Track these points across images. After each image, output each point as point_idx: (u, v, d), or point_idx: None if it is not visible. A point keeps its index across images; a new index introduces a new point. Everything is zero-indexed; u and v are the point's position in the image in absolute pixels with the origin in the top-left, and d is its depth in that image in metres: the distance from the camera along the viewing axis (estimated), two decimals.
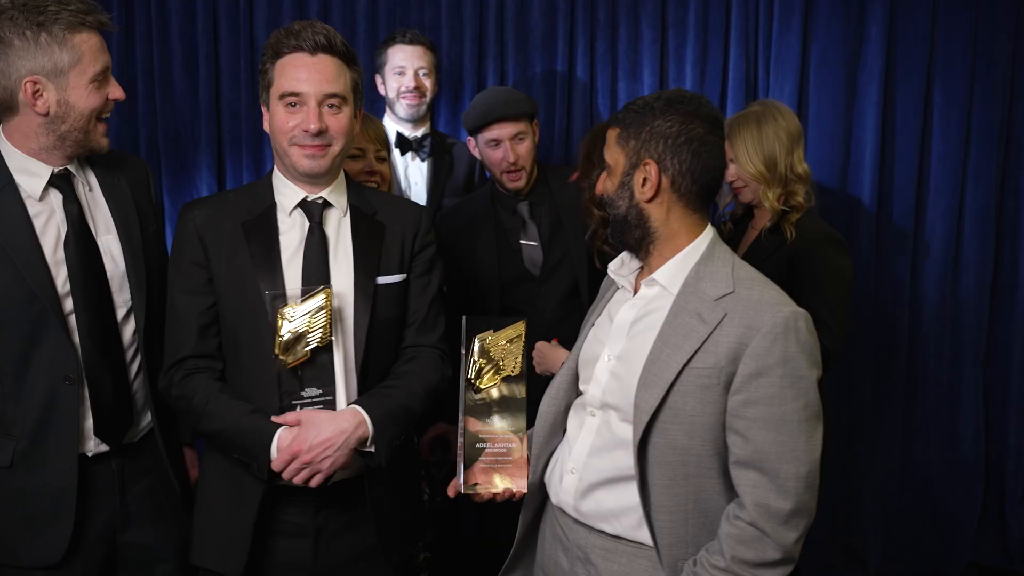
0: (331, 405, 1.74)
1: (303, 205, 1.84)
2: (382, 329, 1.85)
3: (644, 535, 1.56)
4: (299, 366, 1.72)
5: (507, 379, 1.71)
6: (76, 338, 1.80)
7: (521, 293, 2.67)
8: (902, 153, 3.32)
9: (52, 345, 1.78)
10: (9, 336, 1.77)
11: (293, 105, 1.77)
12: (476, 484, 1.68)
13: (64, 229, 1.81)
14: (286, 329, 1.69)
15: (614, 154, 1.62)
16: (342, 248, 1.85)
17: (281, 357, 1.70)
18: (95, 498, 1.88)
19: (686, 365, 1.50)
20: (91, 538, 1.88)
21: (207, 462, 1.90)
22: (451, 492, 1.71)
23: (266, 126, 1.86)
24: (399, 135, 2.98)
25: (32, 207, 1.80)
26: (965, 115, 3.28)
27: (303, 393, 1.73)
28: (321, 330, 1.72)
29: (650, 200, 1.57)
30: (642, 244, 1.61)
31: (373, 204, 1.93)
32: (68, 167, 1.85)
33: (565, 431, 1.73)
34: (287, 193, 1.85)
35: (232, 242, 1.81)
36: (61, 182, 1.84)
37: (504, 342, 1.71)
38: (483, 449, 1.69)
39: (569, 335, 2.37)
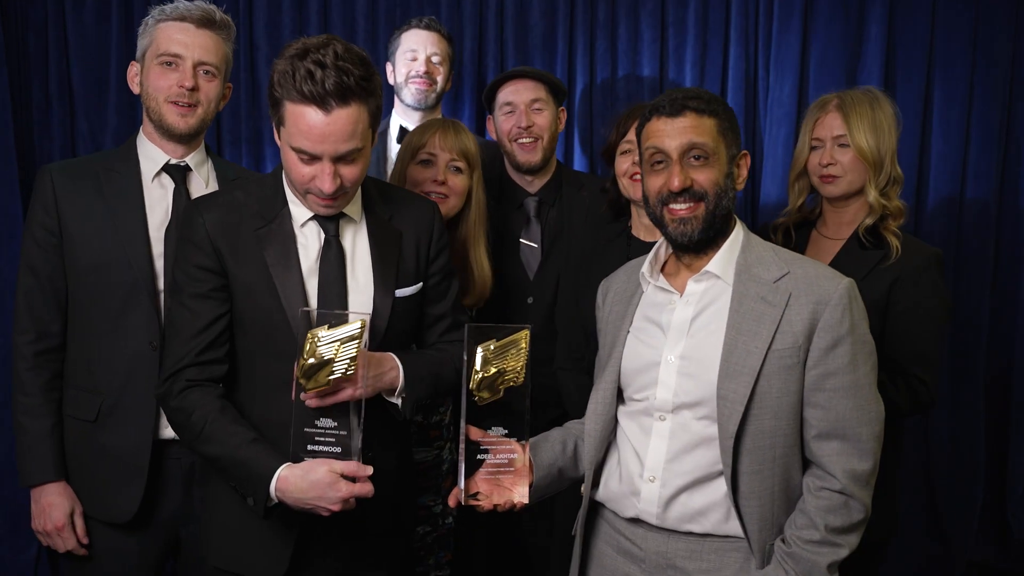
0: (344, 441, 1.63)
1: (318, 218, 1.76)
2: (394, 342, 1.80)
3: (733, 527, 1.57)
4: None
5: (509, 389, 1.67)
6: (162, 311, 1.98)
7: (511, 299, 2.52)
8: (902, 152, 3.28)
9: (141, 312, 1.99)
10: (107, 298, 1.99)
11: (308, 160, 1.64)
12: (477, 493, 1.65)
13: (171, 214, 2.03)
14: (311, 352, 1.58)
15: (716, 145, 1.61)
16: (360, 260, 1.78)
17: (301, 381, 1.59)
18: (164, 482, 2.02)
19: (769, 349, 1.54)
20: (159, 518, 2.03)
21: None
22: (451, 502, 1.67)
23: (276, 138, 1.75)
24: (402, 129, 2.83)
25: (147, 189, 2.04)
26: (965, 115, 3.28)
27: (317, 423, 1.63)
28: (348, 361, 1.60)
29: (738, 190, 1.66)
30: (715, 238, 1.64)
31: (388, 206, 1.85)
32: (187, 160, 2.08)
33: (612, 443, 1.73)
34: (300, 204, 1.76)
35: (246, 249, 1.72)
36: (175, 172, 2.07)
37: (506, 351, 1.67)
38: (484, 459, 1.66)
39: (544, 357, 2.31)
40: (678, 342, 1.62)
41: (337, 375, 1.60)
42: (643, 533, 1.64)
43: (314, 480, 1.58)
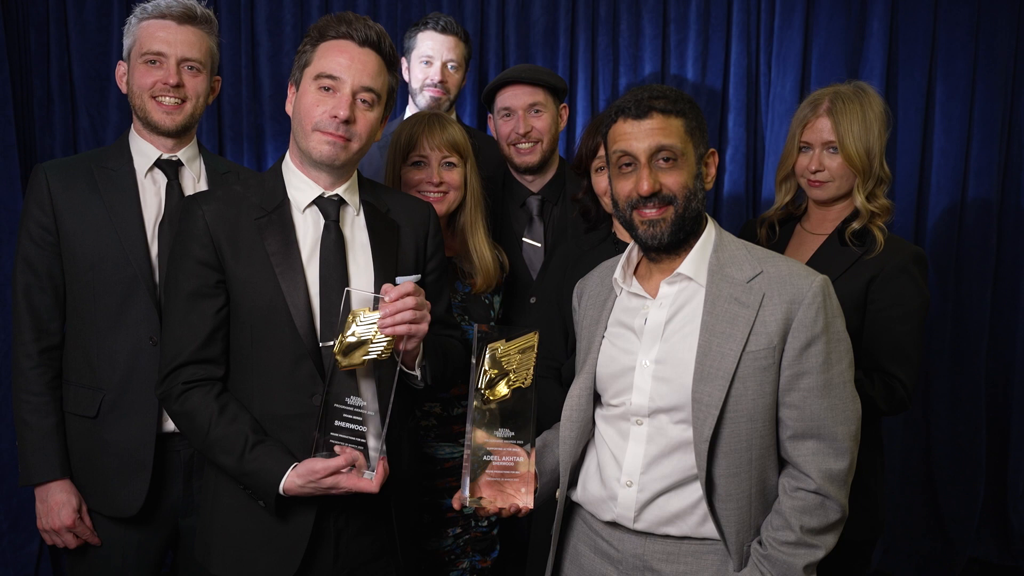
0: (370, 421, 1.67)
1: (318, 202, 1.78)
2: None
3: (709, 530, 1.55)
4: (348, 372, 1.65)
5: (517, 391, 1.66)
6: (161, 306, 1.96)
7: (514, 299, 2.48)
8: (904, 148, 3.32)
9: (140, 308, 1.98)
10: (106, 294, 1.99)
11: (327, 89, 1.72)
12: (481, 498, 1.64)
13: (163, 209, 2.03)
14: (352, 331, 1.62)
15: (684, 145, 1.58)
16: (359, 247, 1.80)
17: (338, 357, 1.62)
18: (166, 475, 2.03)
19: (743, 351, 1.51)
20: (161, 511, 2.04)
21: None
22: (456, 504, 1.66)
23: (289, 107, 1.81)
24: None
25: (142, 184, 2.05)
26: (967, 110, 3.28)
27: (347, 400, 1.65)
28: (385, 343, 1.63)
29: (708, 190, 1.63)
30: (688, 239, 1.61)
31: (385, 201, 1.88)
32: (179, 155, 2.09)
33: (590, 445, 1.72)
34: (301, 188, 1.78)
35: (247, 240, 1.72)
36: (167, 166, 2.07)
37: (515, 352, 1.67)
38: (489, 462, 1.65)
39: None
40: (652, 346, 1.60)
41: (372, 355, 1.64)
42: (620, 535, 1.63)
43: (316, 484, 1.63)
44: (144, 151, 2.07)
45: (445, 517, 2.25)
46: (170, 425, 2.00)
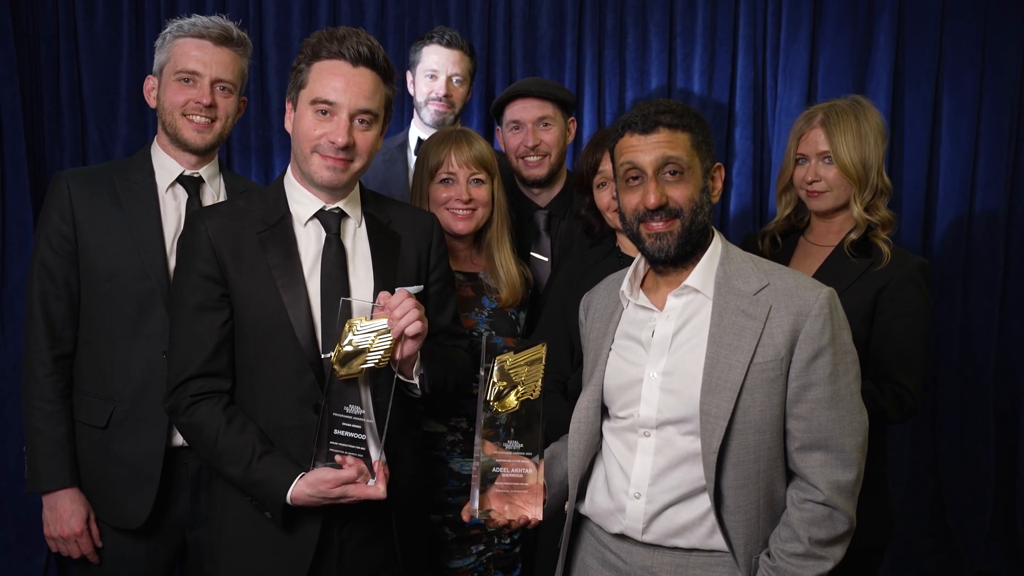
0: (369, 430, 1.67)
1: (319, 216, 1.80)
2: None
3: (718, 542, 1.56)
4: (346, 382, 1.66)
5: (525, 403, 1.67)
6: None
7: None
8: (910, 161, 3.32)
9: (157, 321, 1.99)
10: (123, 306, 2.01)
11: (324, 113, 1.73)
12: (489, 510, 1.65)
13: (183, 224, 2.02)
14: (349, 340, 1.64)
15: (691, 159, 1.60)
16: (360, 259, 1.82)
17: (336, 367, 1.64)
18: (174, 488, 2.04)
19: (751, 363, 1.52)
20: (168, 523, 2.05)
21: None
22: (464, 516, 1.68)
23: (288, 124, 1.83)
24: (420, 140, 2.82)
25: (163, 199, 2.07)
26: (974, 123, 3.28)
27: (346, 409, 1.66)
28: (382, 352, 1.65)
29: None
30: (695, 252, 1.63)
31: (387, 212, 1.91)
32: (200, 172, 2.11)
33: (598, 458, 1.72)
34: (303, 202, 1.81)
35: (249, 253, 1.75)
36: (188, 183, 2.10)
37: (524, 364, 1.68)
38: (498, 474, 1.65)
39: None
40: (660, 358, 1.61)
41: (371, 364, 1.65)
42: (628, 548, 1.63)
43: (324, 492, 1.64)
44: (167, 166, 2.10)
45: (469, 534, 2.25)
46: (179, 439, 2.00)
